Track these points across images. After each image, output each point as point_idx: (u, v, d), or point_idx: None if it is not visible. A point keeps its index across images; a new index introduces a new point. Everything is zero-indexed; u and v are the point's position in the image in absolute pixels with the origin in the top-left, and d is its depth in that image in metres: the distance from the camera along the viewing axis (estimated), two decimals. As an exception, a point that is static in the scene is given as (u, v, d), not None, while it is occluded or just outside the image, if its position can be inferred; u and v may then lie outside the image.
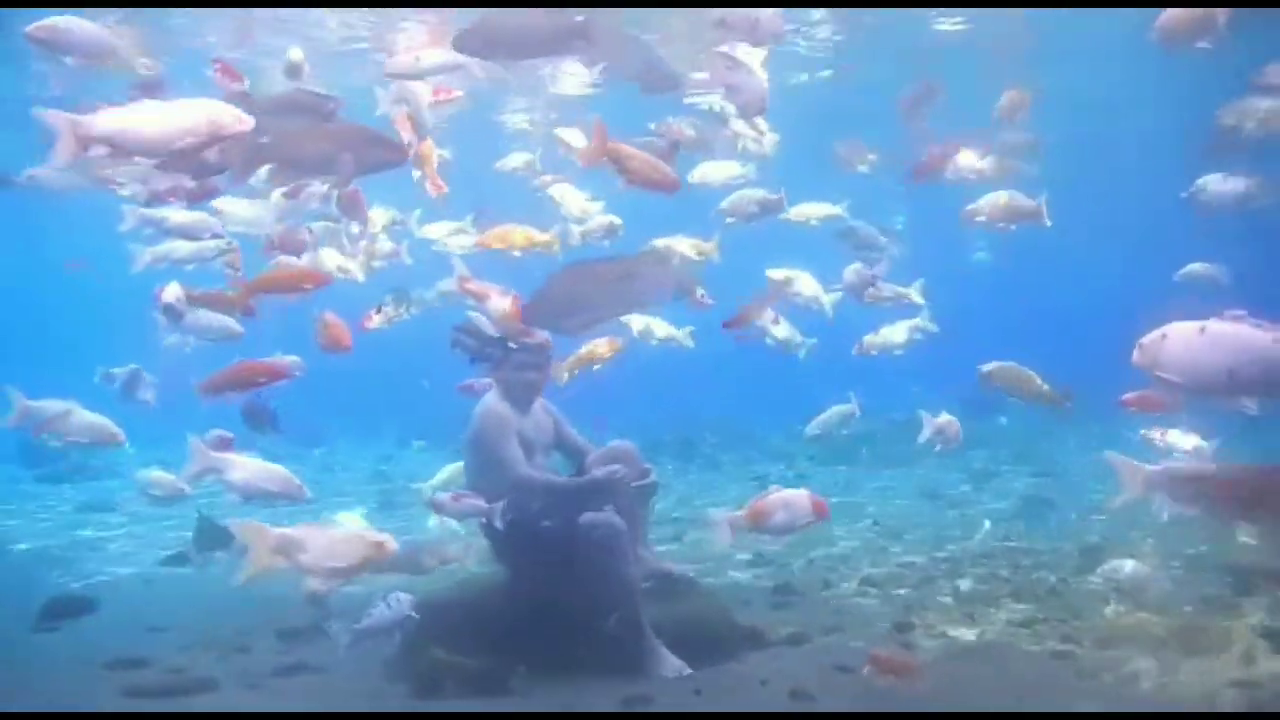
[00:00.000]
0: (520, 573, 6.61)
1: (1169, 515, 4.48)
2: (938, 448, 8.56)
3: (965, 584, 8.48)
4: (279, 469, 6.61)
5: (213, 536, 9.29)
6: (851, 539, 10.77)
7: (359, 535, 3.94)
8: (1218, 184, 8.33)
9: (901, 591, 8.35)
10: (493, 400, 6.74)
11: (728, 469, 17.59)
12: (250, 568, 4.46)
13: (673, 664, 6.27)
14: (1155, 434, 7.44)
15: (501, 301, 6.98)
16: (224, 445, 7.32)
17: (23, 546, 11.47)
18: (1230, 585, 7.73)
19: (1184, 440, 7.39)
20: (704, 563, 9.26)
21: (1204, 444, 7.32)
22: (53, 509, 14.69)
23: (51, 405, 7.74)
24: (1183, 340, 3.96)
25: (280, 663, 6.77)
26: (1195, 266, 9.42)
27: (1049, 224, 8.56)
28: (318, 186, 7.63)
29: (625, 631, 6.28)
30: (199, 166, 6.13)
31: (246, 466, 6.52)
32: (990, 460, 16.55)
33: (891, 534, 10.95)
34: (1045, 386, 7.76)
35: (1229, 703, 5.60)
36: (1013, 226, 8.72)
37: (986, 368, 7.80)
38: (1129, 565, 7.34)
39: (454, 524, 10.27)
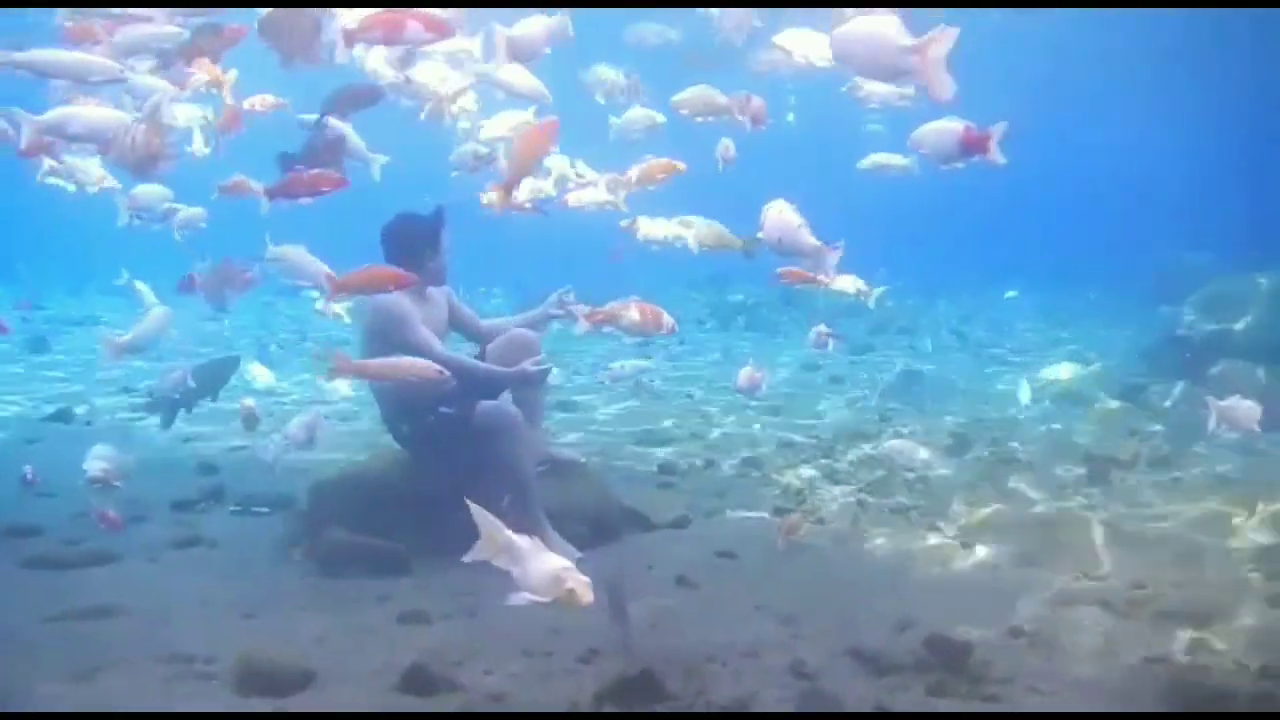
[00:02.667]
0: (420, 455, 6.75)
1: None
2: None
3: (841, 465, 8.90)
4: None
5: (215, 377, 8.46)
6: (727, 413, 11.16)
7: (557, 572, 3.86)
8: None
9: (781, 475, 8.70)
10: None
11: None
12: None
13: (563, 548, 6.51)
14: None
15: None
16: None
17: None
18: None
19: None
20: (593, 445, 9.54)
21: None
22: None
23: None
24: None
25: (177, 535, 6.87)
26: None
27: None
28: None
29: (518, 515, 6.50)
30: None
31: None
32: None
33: (770, 410, 11.31)
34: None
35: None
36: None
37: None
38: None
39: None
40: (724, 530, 7.27)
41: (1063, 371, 12.32)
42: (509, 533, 4.07)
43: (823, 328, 9.26)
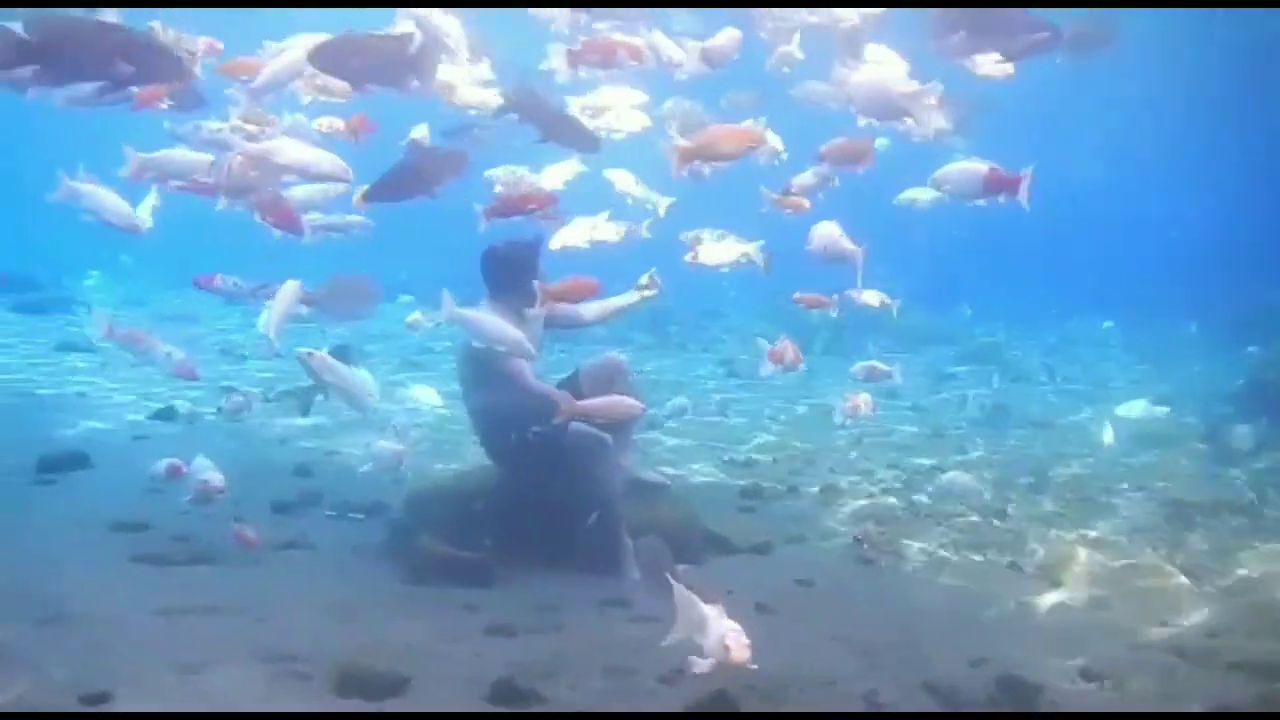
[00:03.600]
0: (511, 472, 6.98)
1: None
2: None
3: (921, 497, 8.99)
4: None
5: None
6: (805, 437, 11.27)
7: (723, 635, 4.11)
8: None
9: (861, 502, 8.82)
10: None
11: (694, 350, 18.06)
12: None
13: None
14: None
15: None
16: None
17: (14, 385, 11.76)
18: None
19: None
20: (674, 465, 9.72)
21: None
22: (32, 343, 14.94)
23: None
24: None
25: (277, 537, 7.16)
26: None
27: None
28: None
29: (603, 534, 6.72)
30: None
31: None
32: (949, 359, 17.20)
33: (852, 438, 11.40)
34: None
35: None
36: None
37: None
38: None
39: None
40: (804, 558, 7.41)
41: (1141, 409, 12.24)
42: (703, 606, 4.21)
43: (875, 364, 9.21)
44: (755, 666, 4.03)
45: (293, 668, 5.07)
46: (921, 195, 8.65)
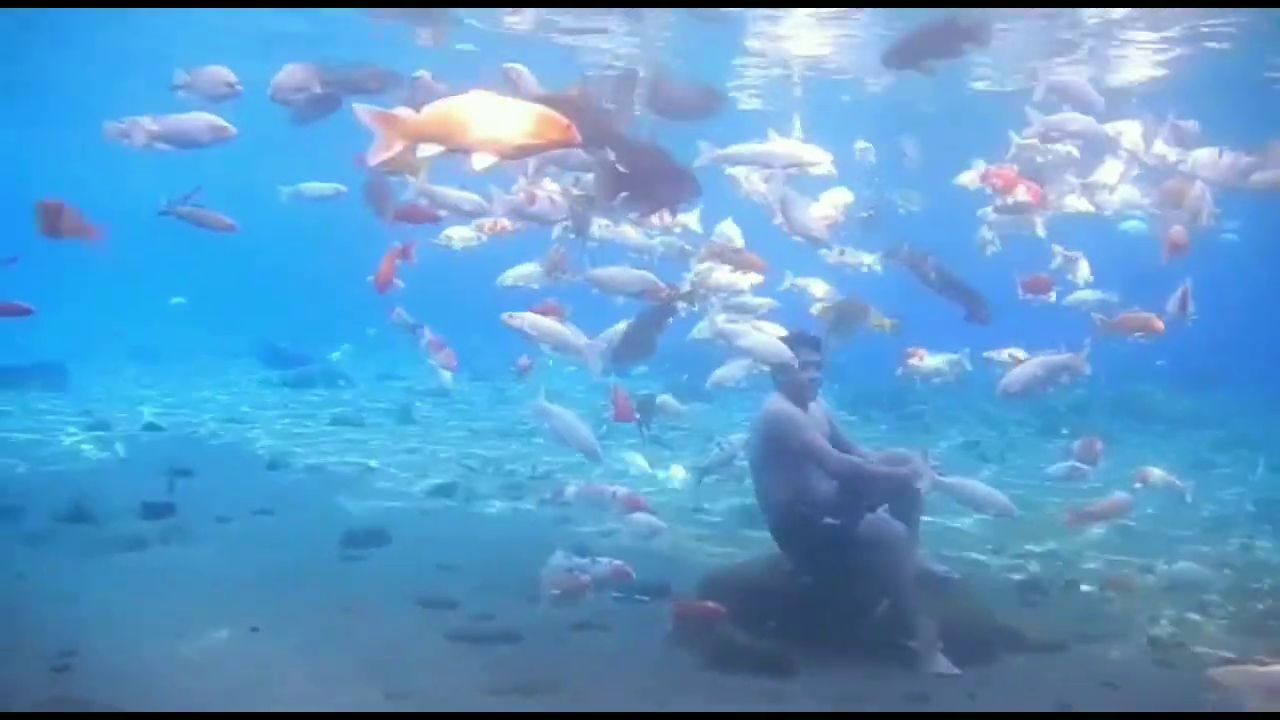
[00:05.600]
0: (803, 560, 7.08)
1: None
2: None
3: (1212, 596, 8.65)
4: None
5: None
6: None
7: None
8: None
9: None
10: (779, 401, 7.12)
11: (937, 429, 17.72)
12: None
13: (942, 662, 6.68)
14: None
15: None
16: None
17: (305, 462, 12.55)
18: None
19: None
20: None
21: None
22: (308, 419, 15.87)
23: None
24: None
25: (570, 617, 7.41)
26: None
27: None
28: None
29: (899, 625, 6.73)
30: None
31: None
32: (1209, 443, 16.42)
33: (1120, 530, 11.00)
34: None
35: None
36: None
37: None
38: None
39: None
40: (1099, 656, 7.25)
41: None
42: None
43: (1096, 443, 8.90)
44: None
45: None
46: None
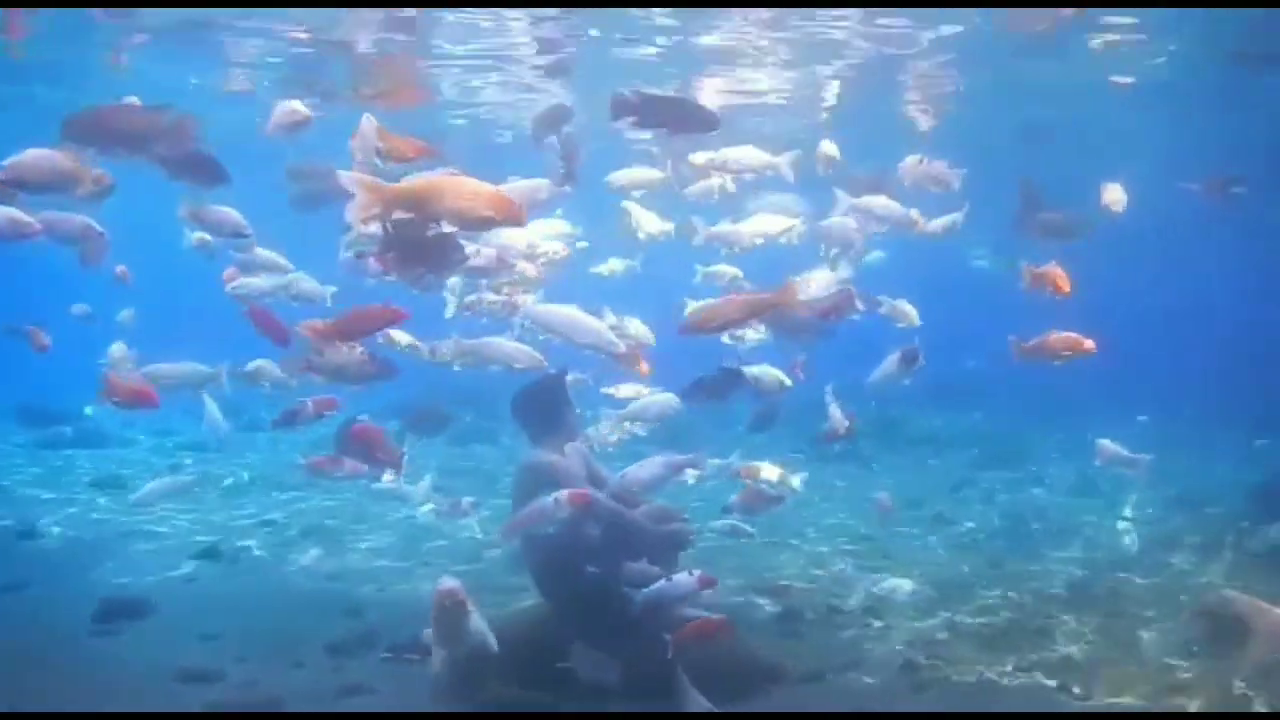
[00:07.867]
0: (563, 609, 7.17)
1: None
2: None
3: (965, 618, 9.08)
4: None
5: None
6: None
7: None
8: None
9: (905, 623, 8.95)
10: (535, 454, 7.33)
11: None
12: None
13: (699, 702, 6.83)
14: None
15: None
16: None
17: (54, 530, 11.92)
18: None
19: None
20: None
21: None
22: (66, 482, 14.98)
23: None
24: None
25: (338, 682, 7.31)
26: None
27: None
28: None
29: (658, 673, 6.84)
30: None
31: None
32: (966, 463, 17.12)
33: (880, 553, 11.43)
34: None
35: None
36: None
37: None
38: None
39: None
40: (855, 687, 7.57)
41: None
42: None
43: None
44: None
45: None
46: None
